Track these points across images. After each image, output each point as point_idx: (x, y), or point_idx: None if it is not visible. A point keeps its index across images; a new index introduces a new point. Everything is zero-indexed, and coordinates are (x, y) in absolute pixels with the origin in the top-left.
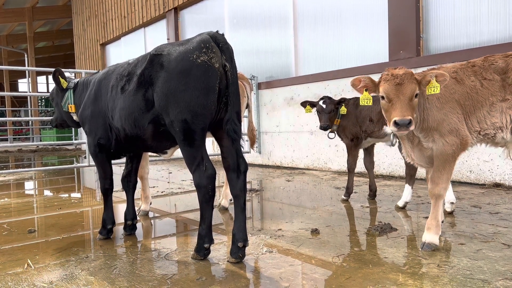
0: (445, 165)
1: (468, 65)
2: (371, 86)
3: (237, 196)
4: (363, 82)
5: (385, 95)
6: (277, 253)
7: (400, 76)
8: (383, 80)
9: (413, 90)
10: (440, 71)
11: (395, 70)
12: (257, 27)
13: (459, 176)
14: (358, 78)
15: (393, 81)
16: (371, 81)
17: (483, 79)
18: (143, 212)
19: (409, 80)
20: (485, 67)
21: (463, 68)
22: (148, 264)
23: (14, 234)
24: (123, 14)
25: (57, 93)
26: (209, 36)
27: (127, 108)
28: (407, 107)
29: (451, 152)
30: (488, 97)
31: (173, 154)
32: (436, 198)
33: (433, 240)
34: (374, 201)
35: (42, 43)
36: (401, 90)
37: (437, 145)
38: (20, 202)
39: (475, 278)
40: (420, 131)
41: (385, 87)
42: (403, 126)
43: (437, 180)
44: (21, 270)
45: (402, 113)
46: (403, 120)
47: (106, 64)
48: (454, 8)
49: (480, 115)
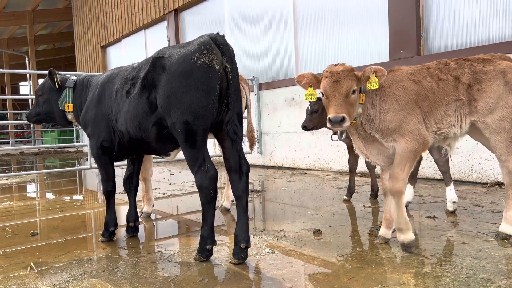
0: (407, 162)
1: (423, 67)
2: (315, 82)
3: (239, 197)
4: (306, 78)
5: (323, 92)
6: (279, 254)
7: (337, 73)
8: (323, 77)
9: (349, 87)
10: (378, 67)
11: (335, 67)
12: (257, 28)
13: (461, 175)
14: (301, 74)
15: (331, 78)
16: (314, 77)
17: (438, 80)
18: (145, 214)
19: (346, 77)
20: (440, 69)
21: (419, 70)
22: (151, 266)
23: (16, 237)
24: (123, 16)
25: (50, 90)
26: (210, 38)
27: (132, 111)
28: (342, 104)
29: (413, 150)
30: (444, 97)
31: (176, 156)
32: (398, 195)
33: (408, 237)
34: (376, 201)
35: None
36: (337, 87)
37: (399, 143)
38: (22, 205)
39: (478, 278)
40: (376, 131)
41: (324, 84)
42: (336, 123)
43: (399, 176)
44: (24, 273)
45: (336, 110)
46: (336, 117)
47: (107, 66)
48: (454, 7)
49: (437, 115)
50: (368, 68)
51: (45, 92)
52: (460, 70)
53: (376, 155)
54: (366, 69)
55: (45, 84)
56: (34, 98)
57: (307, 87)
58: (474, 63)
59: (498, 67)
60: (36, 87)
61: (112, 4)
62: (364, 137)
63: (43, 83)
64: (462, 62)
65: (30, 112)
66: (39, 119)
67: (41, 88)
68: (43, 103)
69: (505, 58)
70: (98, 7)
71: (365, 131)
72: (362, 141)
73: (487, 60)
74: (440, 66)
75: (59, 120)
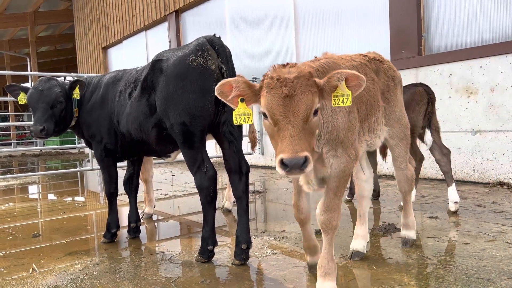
0: (343, 188)
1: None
2: (249, 94)
3: (239, 198)
4: (236, 88)
5: (268, 113)
6: (281, 255)
7: (290, 82)
8: (265, 87)
9: (310, 106)
10: (352, 71)
11: (283, 69)
12: (258, 29)
13: (462, 175)
14: (227, 81)
15: (279, 90)
16: (248, 86)
17: (372, 80)
18: (147, 215)
19: (305, 88)
20: (368, 67)
21: (354, 64)
22: (153, 267)
23: (19, 239)
24: (124, 17)
25: (68, 98)
26: (206, 40)
27: (133, 113)
28: (302, 135)
29: (350, 170)
30: (377, 101)
31: (176, 157)
32: (334, 231)
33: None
34: (377, 202)
35: (44, 48)
36: (292, 107)
37: (340, 161)
38: (24, 206)
39: (480, 278)
40: (325, 143)
41: (267, 100)
42: (295, 168)
43: (337, 207)
44: (26, 275)
45: (293, 147)
46: (295, 159)
47: (108, 68)
48: (455, 7)
49: (372, 121)
50: (335, 73)
51: (63, 99)
52: (378, 73)
53: (316, 180)
54: (332, 74)
55: (62, 91)
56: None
57: (236, 102)
58: (385, 66)
59: (398, 74)
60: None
61: (113, 5)
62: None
63: (56, 92)
64: (377, 63)
65: (49, 126)
66: (60, 130)
67: (62, 93)
68: (61, 112)
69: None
70: (99, 9)
71: None
72: None
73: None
74: (368, 64)
75: (65, 129)
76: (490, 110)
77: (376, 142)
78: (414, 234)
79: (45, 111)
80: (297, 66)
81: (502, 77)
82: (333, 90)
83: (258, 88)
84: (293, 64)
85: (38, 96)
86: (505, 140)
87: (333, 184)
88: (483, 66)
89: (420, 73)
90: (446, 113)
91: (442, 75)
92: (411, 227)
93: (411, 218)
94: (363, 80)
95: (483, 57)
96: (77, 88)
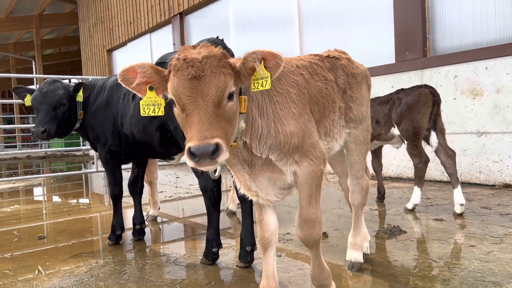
0: (317, 193)
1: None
2: (157, 80)
3: (244, 200)
4: (141, 73)
5: (174, 98)
6: (286, 257)
7: (197, 62)
8: (172, 70)
9: (222, 88)
10: (268, 50)
11: (192, 50)
12: (262, 30)
13: (468, 177)
14: (132, 67)
15: (186, 71)
16: (156, 71)
17: (325, 80)
18: (151, 217)
19: (215, 69)
20: (321, 66)
21: (303, 64)
22: (157, 269)
23: (24, 241)
24: (129, 20)
25: (72, 100)
26: (209, 42)
27: (137, 115)
28: (212, 119)
29: (320, 173)
30: (332, 103)
31: (180, 159)
32: (318, 243)
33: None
34: (382, 204)
35: (49, 50)
36: (200, 89)
37: (302, 166)
38: (29, 208)
39: (486, 281)
40: (270, 150)
41: (174, 83)
42: (204, 157)
43: (315, 217)
44: (32, 276)
45: (201, 133)
46: (203, 146)
47: (112, 70)
48: (460, 8)
49: (327, 124)
50: (250, 53)
51: (67, 102)
52: (335, 71)
53: (267, 188)
54: (247, 54)
55: (67, 93)
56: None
57: (144, 90)
58: (343, 62)
59: (362, 69)
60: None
61: (117, 8)
62: (250, 165)
63: (60, 94)
64: (333, 60)
65: (51, 128)
66: (63, 131)
67: (65, 95)
68: (65, 113)
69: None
70: (103, 11)
71: (251, 155)
72: (248, 171)
73: (351, 60)
74: (319, 63)
75: (69, 130)
76: (495, 112)
77: (334, 146)
78: (361, 257)
79: (48, 113)
80: (208, 46)
81: (508, 79)
82: (251, 73)
83: (167, 73)
84: (204, 44)
85: (42, 98)
86: (511, 142)
87: (304, 193)
88: (489, 68)
89: (425, 74)
90: (451, 115)
91: (447, 76)
92: (359, 247)
93: (360, 237)
94: (281, 59)
95: (488, 58)
96: (81, 91)
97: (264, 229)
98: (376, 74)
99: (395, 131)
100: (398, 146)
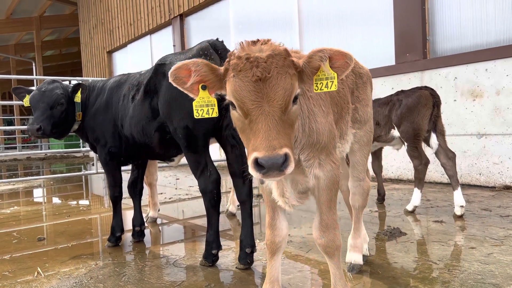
0: (335, 199)
1: None
2: (212, 79)
3: (243, 202)
4: (195, 72)
5: (236, 102)
6: (285, 259)
7: (263, 62)
8: (231, 69)
9: (290, 91)
10: (338, 49)
11: (253, 47)
12: (262, 32)
13: (468, 179)
14: (185, 65)
15: (250, 72)
16: (211, 69)
17: (341, 80)
18: (151, 219)
19: (282, 70)
20: None
21: None
22: (157, 271)
23: (23, 242)
24: (129, 21)
25: (69, 101)
26: (209, 44)
27: (136, 116)
28: (280, 128)
29: (338, 178)
30: (347, 103)
31: (180, 161)
32: (338, 251)
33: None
34: (382, 205)
35: (50, 52)
36: (267, 93)
37: (326, 170)
38: (29, 210)
39: (486, 283)
40: (303, 149)
41: (236, 86)
42: (273, 169)
43: (335, 223)
44: (31, 278)
45: (269, 142)
46: (272, 158)
47: (113, 71)
48: (460, 10)
49: (342, 125)
50: (317, 51)
51: (65, 102)
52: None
53: (293, 193)
54: (313, 52)
55: (64, 93)
56: (43, 108)
57: (196, 89)
58: None
59: (366, 70)
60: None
61: (118, 9)
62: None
63: (58, 94)
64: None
65: (46, 126)
66: (59, 132)
67: (63, 95)
68: (62, 114)
69: None
70: (104, 13)
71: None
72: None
73: (356, 61)
74: None
75: (67, 131)
76: (495, 113)
77: (345, 148)
78: (361, 259)
79: (44, 111)
80: (271, 43)
81: (508, 80)
82: (315, 72)
83: (223, 71)
84: (265, 40)
85: (40, 97)
86: (511, 144)
87: (325, 198)
88: (489, 69)
89: (425, 76)
90: (451, 117)
91: (447, 78)
92: (360, 249)
93: (361, 240)
94: (351, 59)
95: (488, 60)
96: (79, 92)
97: (275, 234)
98: (376, 75)
99: (395, 133)
100: (398, 148)
